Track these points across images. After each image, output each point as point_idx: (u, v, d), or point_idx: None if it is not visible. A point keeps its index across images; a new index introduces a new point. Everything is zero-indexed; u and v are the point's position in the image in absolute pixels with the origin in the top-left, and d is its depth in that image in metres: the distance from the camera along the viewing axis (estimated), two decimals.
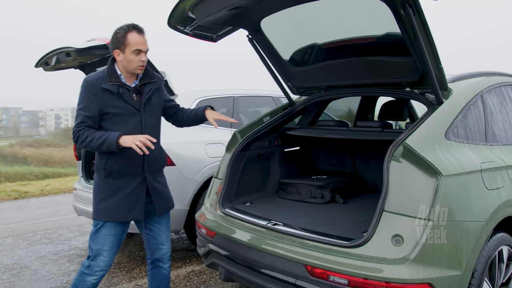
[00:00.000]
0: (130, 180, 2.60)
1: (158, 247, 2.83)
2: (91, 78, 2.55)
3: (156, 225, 2.81)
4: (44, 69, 4.60)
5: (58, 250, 4.91)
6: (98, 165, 2.62)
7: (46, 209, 7.44)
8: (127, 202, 2.59)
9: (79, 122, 2.51)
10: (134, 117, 2.60)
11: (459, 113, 2.62)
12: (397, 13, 2.34)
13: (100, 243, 2.59)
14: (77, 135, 2.49)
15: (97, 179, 2.64)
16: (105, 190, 2.59)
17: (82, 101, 2.52)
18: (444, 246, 2.14)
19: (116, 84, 2.54)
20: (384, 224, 2.22)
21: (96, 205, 2.62)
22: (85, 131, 2.48)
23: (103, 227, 2.59)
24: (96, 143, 2.45)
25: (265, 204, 3.27)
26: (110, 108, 2.54)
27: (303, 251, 2.38)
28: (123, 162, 2.57)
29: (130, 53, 2.52)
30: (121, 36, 2.52)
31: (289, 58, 3.34)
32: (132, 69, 2.57)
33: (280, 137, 3.65)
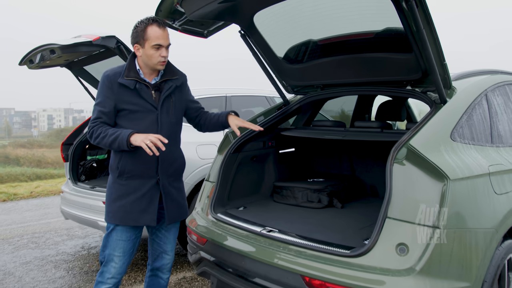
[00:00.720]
0: (143, 182, 2.46)
1: (161, 255, 2.70)
2: (109, 72, 2.44)
3: (164, 233, 2.67)
4: (28, 67, 4.42)
5: (45, 255, 4.72)
6: (112, 164, 2.50)
7: (34, 211, 7.24)
8: (139, 205, 2.45)
9: (94, 117, 2.41)
10: (151, 115, 2.46)
11: (464, 112, 2.48)
12: (399, 6, 2.18)
13: (111, 248, 2.47)
14: (91, 131, 2.39)
15: (110, 179, 2.52)
16: (117, 191, 2.46)
17: (99, 96, 2.43)
18: (453, 255, 1.99)
19: (134, 80, 2.41)
20: (388, 231, 2.07)
21: (107, 207, 2.50)
22: (99, 127, 2.37)
23: (114, 231, 2.47)
24: (108, 140, 2.33)
25: (259, 209, 3.11)
26: (126, 104, 2.41)
27: (300, 260, 2.22)
28: (136, 162, 2.44)
29: (150, 48, 2.39)
30: (140, 30, 2.39)
31: (284, 55, 3.18)
32: (152, 64, 2.44)
33: (275, 138, 3.49)
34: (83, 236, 5.50)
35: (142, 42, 2.40)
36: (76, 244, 5.13)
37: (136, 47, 2.43)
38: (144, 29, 2.38)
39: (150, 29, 2.38)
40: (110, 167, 2.52)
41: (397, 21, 2.36)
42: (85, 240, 5.29)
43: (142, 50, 2.41)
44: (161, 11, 2.75)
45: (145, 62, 2.44)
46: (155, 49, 2.39)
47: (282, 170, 3.56)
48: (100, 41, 3.81)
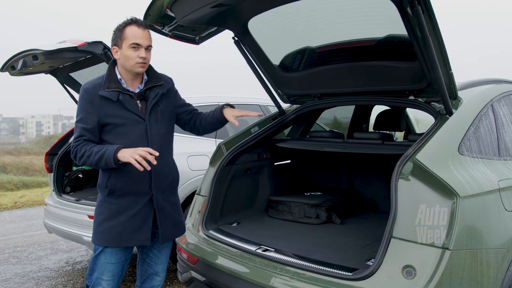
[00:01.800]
0: (135, 200, 2.27)
1: (151, 277, 2.49)
2: (88, 85, 2.25)
3: (155, 252, 2.46)
4: (10, 73, 4.22)
5: (26, 272, 4.48)
6: (100, 182, 2.31)
7: (18, 223, 6.97)
8: (132, 225, 2.26)
9: (77, 136, 2.22)
10: (138, 127, 2.27)
11: (471, 124, 2.35)
12: (403, 12, 2.05)
13: (99, 271, 2.28)
14: (75, 151, 2.21)
15: (99, 198, 2.33)
16: (107, 211, 2.27)
17: (79, 112, 2.24)
18: (463, 278, 1.85)
19: (116, 91, 2.23)
20: (393, 252, 1.93)
21: (96, 227, 2.30)
22: (82, 146, 2.19)
23: (102, 254, 2.27)
24: (94, 159, 2.15)
25: (254, 225, 2.94)
26: (110, 118, 2.22)
27: (299, 284, 2.06)
28: (128, 179, 2.24)
29: (127, 48, 2.21)
30: (118, 30, 2.25)
31: (279, 62, 3.04)
32: (130, 67, 2.24)
33: (270, 150, 3.33)
34: (68, 250, 5.27)
35: (120, 42, 2.24)
36: (60, 259, 4.90)
37: (114, 50, 2.27)
38: (122, 29, 2.23)
39: (128, 28, 2.23)
40: (99, 186, 2.33)
41: (400, 27, 2.24)
42: (70, 255, 5.07)
43: (119, 52, 2.25)
44: (149, 16, 2.59)
45: (123, 65, 2.26)
46: (132, 49, 2.22)
47: (277, 183, 3.40)
48: (86, 46, 3.64)
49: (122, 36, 2.22)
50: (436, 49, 2.12)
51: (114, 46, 2.26)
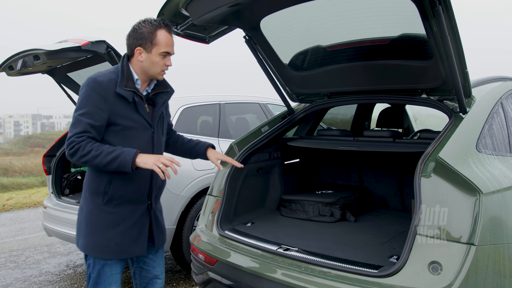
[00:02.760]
0: (133, 209, 2.16)
1: (152, 281, 2.40)
2: (102, 78, 2.06)
3: (151, 257, 2.37)
4: (7, 73, 4.13)
5: (27, 276, 4.40)
6: (95, 187, 2.13)
7: (9, 226, 6.82)
8: (130, 235, 2.15)
9: (80, 131, 1.99)
10: (146, 133, 2.17)
11: (485, 122, 2.40)
12: (423, 11, 2.08)
13: (106, 283, 2.16)
14: (77, 147, 1.97)
15: (91, 206, 2.14)
16: (104, 221, 2.11)
17: (86, 105, 2.01)
18: (488, 274, 1.88)
19: (132, 91, 2.10)
20: (418, 249, 1.96)
21: (92, 238, 2.12)
22: (87, 143, 1.98)
23: (107, 266, 2.15)
24: (104, 160, 1.97)
25: (268, 224, 2.95)
26: (121, 119, 2.08)
27: (326, 282, 2.07)
28: (129, 186, 2.13)
29: (157, 55, 2.11)
30: (148, 32, 2.09)
31: (289, 61, 3.04)
32: (153, 73, 2.16)
33: (280, 149, 3.34)
34: (66, 253, 5.19)
35: (149, 46, 2.10)
36: (59, 263, 4.82)
37: (138, 51, 2.11)
38: (154, 31, 2.09)
39: (160, 33, 2.10)
40: (91, 191, 2.14)
41: (414, 26, 2.27)
42: (69, 258, 4.99)
43: (145, 55, 2.11)
44: (163, 15, 2.57)
45: (145, 69, 2.15)
46: (161, 57, 2.13)
47: (287, 182, 3.42)
48: (89, 46, 3.58)
49: (154, 40, 2.10)
50: (453, 48, 2.15)
51: (139, 47, 2.11)
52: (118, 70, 2.14)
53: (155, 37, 2.10)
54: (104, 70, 2.15)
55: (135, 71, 2.17)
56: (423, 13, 2.09)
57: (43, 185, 11.94)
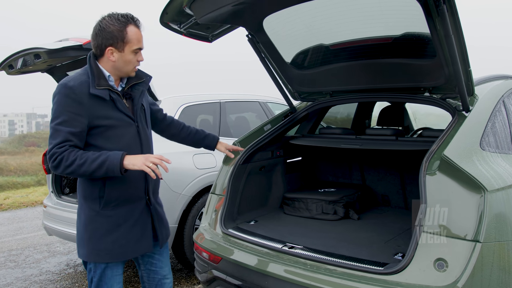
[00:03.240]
0: (133, 207, 2.13)
1: (161, 282, 2.38)
2: (73, 82, 1.97)
3: (157, 257, 2.35)
4: (7, 72, 4.11)
5: (27, 276, 4.39)
6: (89, 193, 2.07)
7: (7, 226, 6.80)
8: (134, 235, 2.13)
9: (60, 141, 1.91)
10: (130, 129, 2.11)
11: (489, 120, 2.41)
12: (428, 10, 2.09)
13: (108, 285, 2.13)
14: (60, 159, 1.89)
15: (88, 212, 2.08)
16: (104, 225, 2.07)
17: (61, 114, 1.93)
18: (493, 270, 1.90)
19: (106, 89, 2.02)
20: (424, 246, 1.98)
21: (94, 245, 2.07)
22: (70, 152, 1.90)
23: (108, 269, 2.12)
24: (90, 167, 1.90)
25: (272, 223, 2.95)
26: (101, 120, 2.01)
27: (332, 279, 2.08)
28: (124, 185, 2.08)
29: (129, 53, 2.05)
30: (118, 30, 2.01)
31: (292, 60, 3.05)
32: (126, 71, 2.10)
33: (282, 147, 3.35)
34: (66, 252, 5.18)
35: (121, 45, 2.02)
36: (59, 262, 4.81)
37: (110, 50, 2.03)
38: (124, 29, 2.02)
39: (130, 30, 2.03)
40: (85, 197, 2.09)
41: (417, 25, 2.29)
42: (69, 257, 4.98)
43: (118, 54, 2.04)
44: (167, 14, 2.58)
45: (117, 68, 2.08)
46: (134, 54, 2.07)
47: (290, 180, 3.43)
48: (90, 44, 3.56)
49: (125, 38, 2.02)
50: (457, 47, 2.17)
51: (111, 47, 2.03)
52: (87, 71, 2.06)
53: (125, 35, 2.03)
54: (73, 74, 2.09)
55: (105, 69, 2.09)
56: (427, 11, 2.10)
57: (39, 184, 11.90)
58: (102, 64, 2.10)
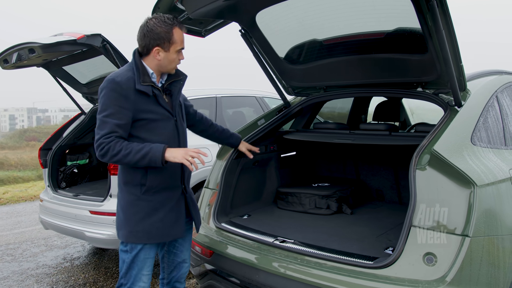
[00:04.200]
0: (171, 194, 2.30)
1: (179, 265, 2.53)
2: (120, 78, 2.13)
3: (181, 242, 2.50)
4: (2, 67, 4.10)
5: (24, 269, 4.41)
6: (131, 179, 2.24)
7: (6, 220, 6.82)
8: (170, 219, 2.29)
9: (107, 132, 2.08)
10: (170, 123, 2.28)
11: (480, 115, 2.41)
12: (418, 5, 2.09)
13: (138, 267, 2.28)
14: (107, 148, 2.07)
15: (130, 197, 2.25)
16: (144, 209, 2.23)
17: (109, 107, 2.10)
18: (482, 265, 1.91)
19: (150, 85, 2.19)
20: (413, 241, 1.99)
21: (133, 227, 2.24)
22: (116, 143, 2.08)
23: (142, 251, 2.27)
24: (134, 158, 2.08)
25: (265, 217, 2.97)
26: (145, 113, 2.19)
27: (322, 273, 2.10)
28: (164, 174, 2.25)
29: (174, 52, 2.21)
30: (165, 32, 2.17)
31: (285, 55, 3.05)
32: (169, 69, 2.27)
33: (276, 142, 3.36)
34: (63, 246, 5.20)
35: (167, 45, 2.19)
36: (56, 256, 4.83)
37: (157, 50, 2.19)
38: (170, 31, 2.18)
39: (176, 31, 2.20)
40: (127, 183, 2.26)
41: (410, 20, 2.28)
42: (66, 251, 5.00)
43: (164, 54, 2.20)
44: (159, 9, 2.58)
45: (162, 66, 2.24)
46: (177, 53, 2.24)
47: (284, 175, 3.43)
48: (84, 39, 3.57)
49: (172, 39, 2.19)
50: (448, 42, 2.17)
51: (158, 47, 2.18)
52: (132, 68, 2.21)
53: (172, 36, 2.19)
54: (119, 70, 2.23)
55: (149, 66, 2.25)
56: (418, 7, 2.10)
57: (39, 178, 11.92)
58: (147, 62, 2.25)
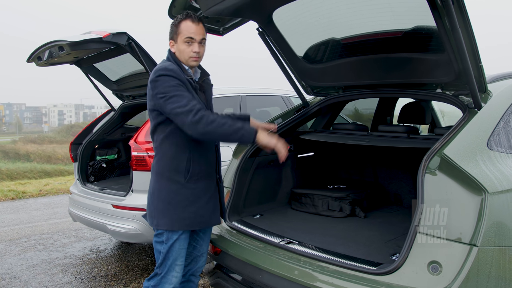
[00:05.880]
0: (210, 183, 2.39)
1: (196, 258, 2.56)
2: (171, 67, 2.24)
3: (201, 235, 2.53)
4: (36, 64, 4.30)
5: (52, 258, 4.60)
6: (175, 166, 2.29)
7: (43, 211, 7.14)
8: (210, 207, 2.37)
9: (186, 101, 2.14)
10: None
11: (501, 118, 2.29)
12: (433, 3, 2.01)
13: (173, 258, 2.33)
14: (201, 115, 2.12)
15: (171, 186, 2.29)
16: (188, 197, 2.30)
17: (172, 87, 2.18)
18: (491, 277, 1.81)
19: (190, 78, 2.32)
20: (419, 248, 1.91)
21: (177, 215, 2.29)
22: (210, 113, 2.18)
23: (177, 241, 2.32)
24: (229, 129, 2.14)
25: (277, 217, 2.95)
26: None
27: (323, 277, 2.06)
28: (204, 163, 2.34)
29: (181, 43, 2.30)
30: (174, 25, 2.33)
31: (304, 54, 3.01)
32: (184, 60, 2.33)
33: (293, 142, 3.32)
34: (92, 238, 5.38)
35: (175, 37, 2.32)
36: (84, 247, 5.01)
37: (171, 43, 2.36)
38: (178, 24, 2.30)
39: (183, 23, 2.30)
40: (171, 170, 2.29)
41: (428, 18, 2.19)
42: (94, 243, 5.17)
43: (175, 46, 2.33)
44: (174, 7, 2.61)
45: (178, 58, 2.34)
46: (186, 44, 2.29)
47: (300, 176, 3.40)
48: (110, 37, 3.68)
49: (178, 30, 2.30)
50: (466, 41, 2.07)
51: (171, 40, 2.34)
52: (171, 62, 2.31)
53: (179, 27, 2.30)
54: (161, 63, 2.32)
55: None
56: (432, 3, 2.02)
57: None
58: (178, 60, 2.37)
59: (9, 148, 30.07)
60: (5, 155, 27.41)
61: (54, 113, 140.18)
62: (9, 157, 26.18)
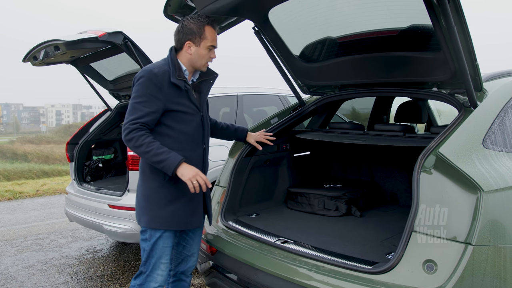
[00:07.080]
0: None
1: (186, 258, 2.58)
2: (157, 70, 2.27)
3: (191, 235, 2.55)
4: (32, 63, 4.28)
5: (48, 259, 4.59)
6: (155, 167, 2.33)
7: (40, 211, 7.12)
8: (190, 208, 2.38)
9: (136, 117, 2.20)
10: (196, 118, 2.40)
11: (497, 117, 2.29)
12: (428, 1, 2.00)
13: (157, 256, 2.35)
14: (132, 137, 2.18)
15: (153, 184, 2.34)
16: (167, 195, 2.32)
17: (143, 94, 2.23)
18: (486, 275, 1.80)
19: (183, 80, 2.32)
20: (414, 246, 1.91)
21: (155, 212, 2.32)
22: (141, 136, 2.18)
23: (161, 239, 2.34)
24: (151, 159, 2.19)
25: (273, 216, 2.94)
26: (175, 105, 2.30)
27: (319, 276, 2.05)
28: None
29: (204, 48, 2.35)
30: (197, 27, 2.33)
31: (300, 53, 3.00)
32: (199, 65, 2.39)
33: (289, 141, 3.32)
34: (89, 238, 5.37)
35: (198, 40, 2.33)
36: (80, 247, 5.00)
37: (188, 45, 2.34)
38: (202, 27, 2.33)
39: (208, 29, 2.34)
40: (151, 169, 2.34)
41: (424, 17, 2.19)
42: (90, 243, 5.16)
43: (194, 49, 2.34)
44: (170, 6, 2.60)
45: (192, 61, 2.37)
46: (208, 50, 2.36)
47: (296, 175, 3.39)
48: (106, 37, 3.66)
49: (203, 35, 2.33)
50: (461, 40, 2.07)
51: (189, 42, 2.33)
52: (168, 62, 2.34)
53: (203, 32, 2.33)
54: (156, 63, 2.37)
55: (182, 62, 2.39)
56: (428, 2, 2.01)
57: None
58: (180, 58, 2.39)
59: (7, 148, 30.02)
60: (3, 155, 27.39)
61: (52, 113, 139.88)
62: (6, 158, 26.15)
